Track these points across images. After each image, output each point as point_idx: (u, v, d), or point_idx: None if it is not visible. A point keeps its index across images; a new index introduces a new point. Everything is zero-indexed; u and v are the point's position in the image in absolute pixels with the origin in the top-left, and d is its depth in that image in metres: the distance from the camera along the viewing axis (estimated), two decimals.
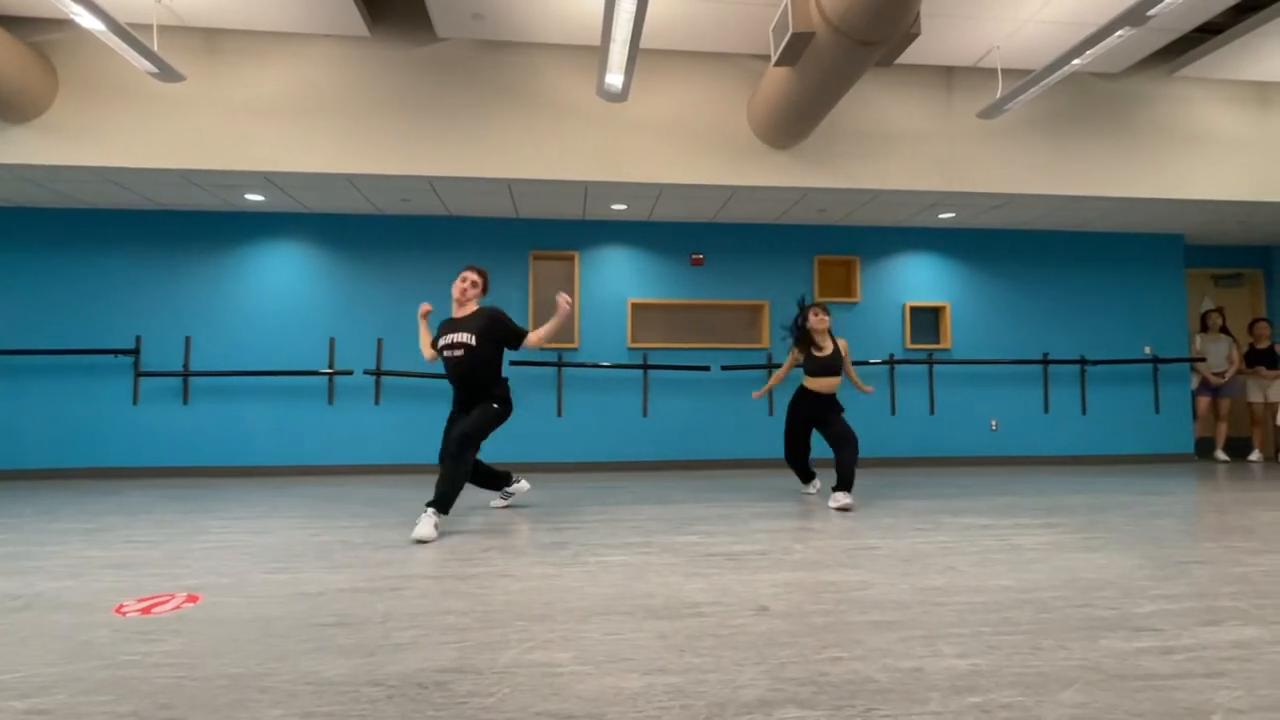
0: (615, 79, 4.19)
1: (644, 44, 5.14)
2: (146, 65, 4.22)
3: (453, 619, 2.11)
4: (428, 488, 5.30)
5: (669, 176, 5.30)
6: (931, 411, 6.79)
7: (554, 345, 6.38)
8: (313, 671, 1.70)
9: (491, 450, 6.34)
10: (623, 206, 6.09)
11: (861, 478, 5.75)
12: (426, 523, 3.31)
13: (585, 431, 6.41)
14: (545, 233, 6.52)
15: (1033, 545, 3.14)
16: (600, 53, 3.94)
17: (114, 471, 5.88)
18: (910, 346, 6.79)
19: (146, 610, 2.20)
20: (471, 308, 3.91)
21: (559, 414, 6.36)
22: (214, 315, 6.10)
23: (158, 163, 4.88)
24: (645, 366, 6.43)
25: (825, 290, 6.83)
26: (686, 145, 5.31)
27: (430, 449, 6.24)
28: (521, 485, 4.37)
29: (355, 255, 6.30)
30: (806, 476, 4.80)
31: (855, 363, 6.57)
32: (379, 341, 6.24)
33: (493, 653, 1.83)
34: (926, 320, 6.97)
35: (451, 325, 3.86)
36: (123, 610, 2.20)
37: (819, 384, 4.47)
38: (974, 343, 6.88)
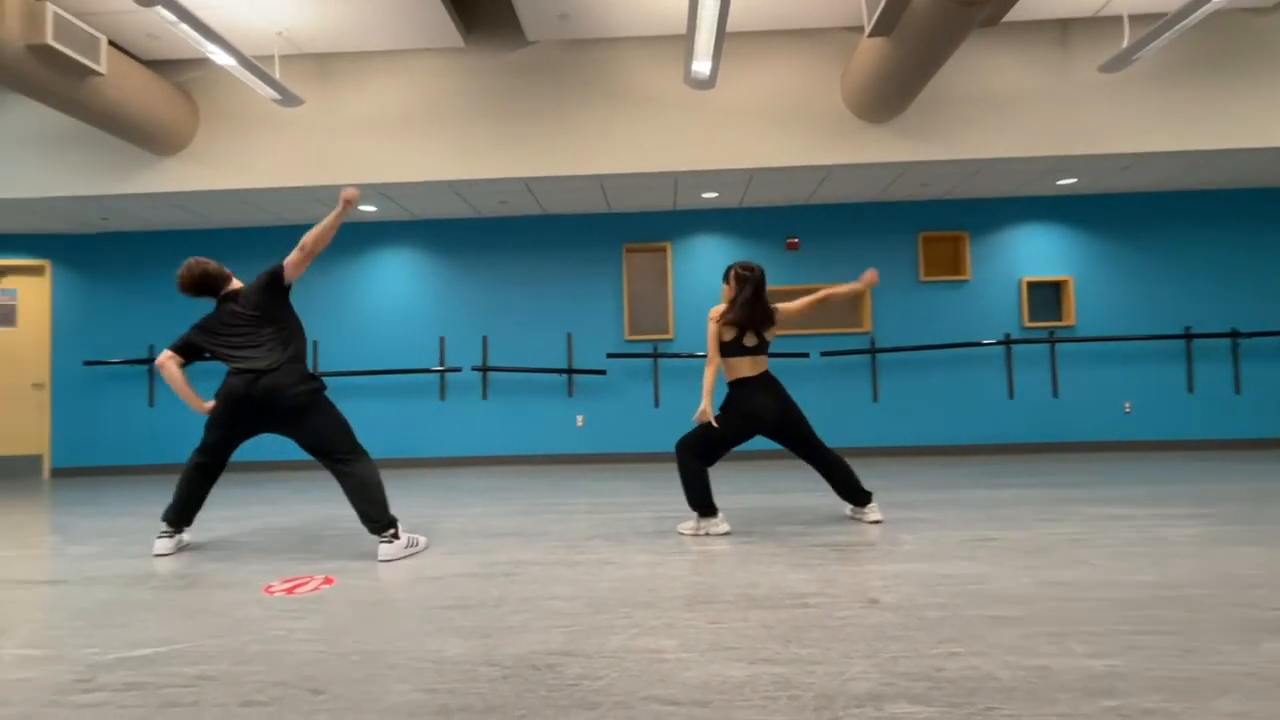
0: (702, 66, 4.15)
1: (730, 27, 5.07)
2: (271, 93, 4.61)
3: (561, 604, 2.19)
4: (533, 477, 5.56)
5: (761, 160, 5.20)
6: (1054, 394, 6.31)
7: (647, 336, 6.44)
8: (435, 651, 1.82)
9: (586, 442, 6.55)
10: (713, 194, 6.04)
11: (973, 464, 5.45)
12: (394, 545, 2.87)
13: (682, 422, 6.42)
14: (637, 225, 6.57)
15: (1179, 538, 2.85)
16: (686, 41, 3.92)
17: (256, 465, 6.48)
18: (1029, 325, 6.33)
19: (290, 590, 2.42)
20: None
21: (656, 405, 6.42)
22: (338, 320, 6.59)
23: (283, 181, 5.31)
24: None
25: (931, 269, 6.49)
26: (778, 127, 5.18)
27: (535, 440, 6.52)
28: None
29: (459, 258, 6.61)
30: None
31: (964, 344, 6.23)
32: (484, 339, 6.53)
33: (600, 638, 1.88)
34: (1046, 296, 6.47)
35: None
36: (270, 590, 2.43)
37: (748, 366, 3.26)
38: (1101, 318, 6.32)
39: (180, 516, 3.08)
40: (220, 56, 4.12)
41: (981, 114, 5.13)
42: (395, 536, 2.89)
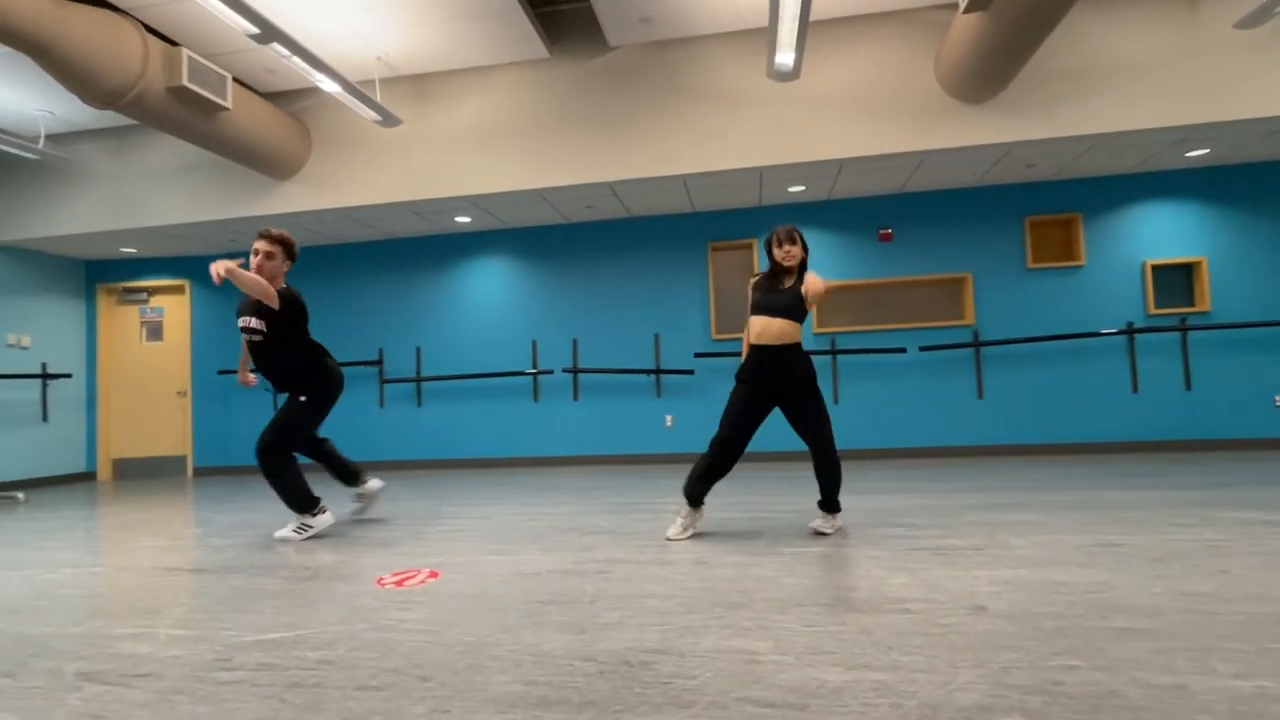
0: (786, 58, 4.07)
1: (813, 16, 4.95)
2: (372, 115, 4.91)
3: (655, 602, 2.20)
4: (623, 476, 5.63)
5: (849, 150, 5.04)
6: (1187, 386, 5.75)
7: (735, 335, 6.38)
8: (533, 644, 1.88)
9: (676, 442, 6.55)
10: (800, 188, 5.90)
11: (1092, 464, 5.04)
12: (287, 528, 3.48)
13: (771, 421, 6.31)
14: (722, 223, 6.52)
15: None
16: (769, 33, 3.85)
17: (366, 465, 6.91)
18: (1154, 312, 5.80)
19: (400, 583, 2.57)
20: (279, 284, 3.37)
21: None
22: (437, 326, 6.93)
23: (386, 198, 5.64)
24: (834, 352, 6.18)
25: (1040, 255, 6.07)
26: (867, 114, 5.01)
27: (625, 440, 6.60)
28: (373, 485, 4.01)
29: (549, 263, 6.79)
30: (698, 492, 3.16)
31: (1080, 335, 5.79)
32: (574, 342, 6.67)
33: (694, 637, 1.88)
34: (1175, 279, 5.90)
35: (242, 310, 3.37)
36: (382, 582, 2.59)
37: (765, 326, 3.05)
38: (1242, 302, 5.70)
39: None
40: (328, 84, 4.43)
41: (1094, 85, 4.74)
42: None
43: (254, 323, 3.29)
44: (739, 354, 6.29)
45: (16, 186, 6.27)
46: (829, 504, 3.16)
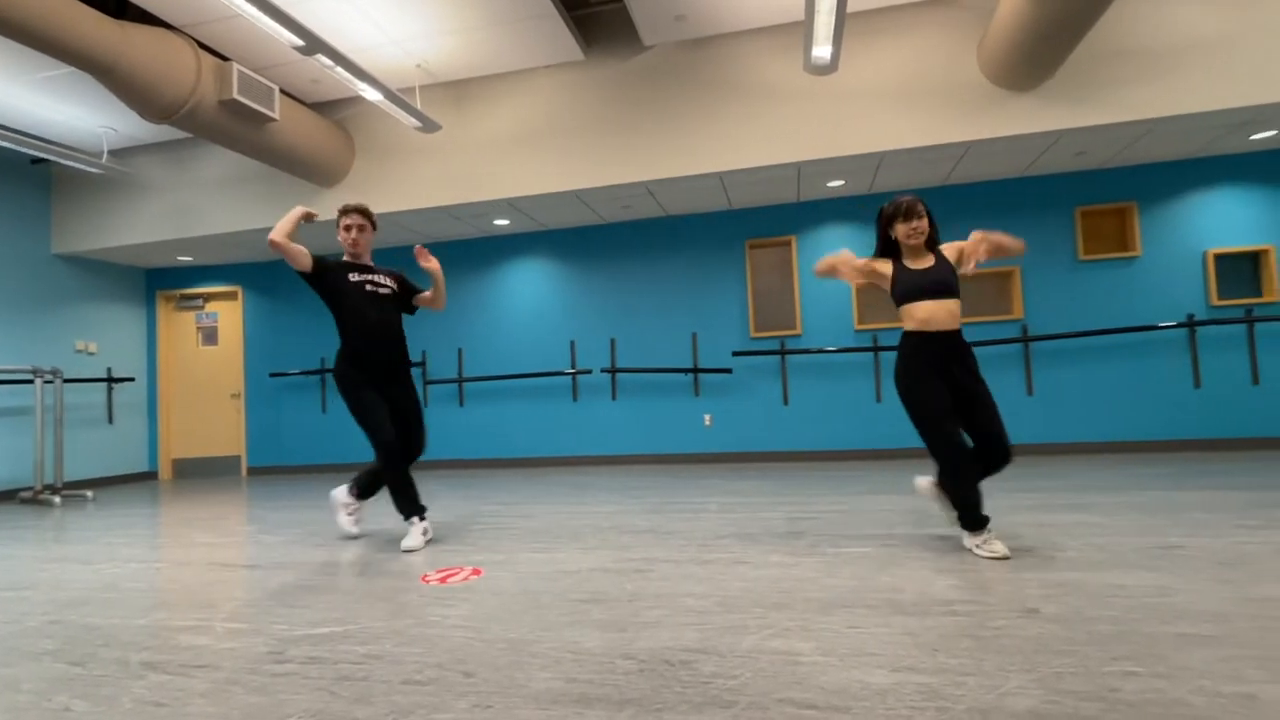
0: (823, 51, 4.01)
1: (850, 7, 4.87)
2: (412, 121, 5.02)
3: (694, 601, 2.20)
4: (662, 475, 5.62)
5: (890, 143, 4.93)
6: (1254, 381, 5.47)
7: (774, 333, 6.32)
8: (574, 642, 1.89)
9: (714, 441, 6.53)
10: (839, 182, 5.81)
11: (1150, 463, 4.84)
12: (415, 533, 3.19)
13: (813, 420, 6.24)
14: (760, 220, 6.46)
15: None
16: (805, 26, 3.80)
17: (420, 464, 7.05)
18: (1218, 303, 5.53)
19: (444, 580, 2.61)
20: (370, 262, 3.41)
21: (785, 403, 6.28)
22: (478, 328, 7.03)
23: (426, 202, 5.75)
24: (876, 349, 6.06)
25: (1092, 247, 5.85)
26: (908, 106, 4.90)
27: (663, 440, 6.60)
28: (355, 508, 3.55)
29: (586, 263, 6.83)
30: (977, 501, 2.65)
31: (1136, 329, 5.55)
32: (612, 342, 6.69)
33: (734, 637, 1.87)
34: (1240, 269, 5.62)
35: (364, 269, 3.32)
36: (426, 579, 2.64)
37: (932, 311, 2.68)
38: None
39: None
40: (370, 93, 4.54)
41: (1149, 67, 4.55)
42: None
43: (392, 285, 3.38)
44: (777, 352, 6.27)
45: (82, 200, 6.60)
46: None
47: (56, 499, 5.67)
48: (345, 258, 3.38)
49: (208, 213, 6.23)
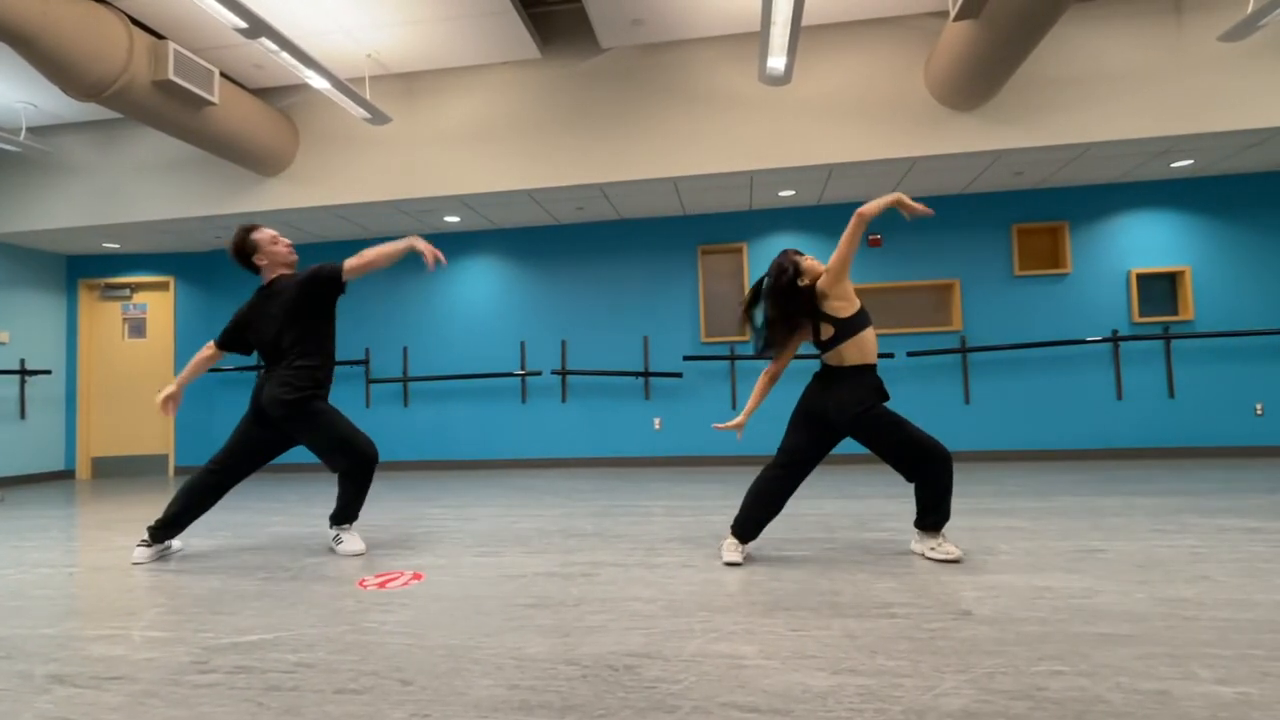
0: (777, 62, 4.08)
1: (805, 21, 4.96)
2: (361, 112, 4.87)
3: (639, 606, 2.19)
4: (611, 478, 5.61)
5: (840, 155, 5.05)
6: (1170, 394, 5.81)
7: (724, 339, 6.38)
8: (516, 648, 1.85)
9: (664, 445, 6.55)
10: (790, 192, 5.92)
11: (1076, 470, 5.08)
12: (356, 537, 3.13)
13: (762, 423, 6.31)
14: (712, 227, 6.53)
15: None
16: (760, 37, 3.86)
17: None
18: (1139, 320, 5.86)
19: (382, 585, 2.53)
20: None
21: (734, 407, 6.35)
22: (425, 326, 6.88)
23: (374, 196, 5.60)
24: (821, 357, 6.17)
25: (1027, 263, 6.12)
26: (858, 120, 5.03)
27: (613, 443, 6.58)
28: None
29: (538, 264, 6.76)
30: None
31: (1065, 342, 5.83)
32: (563, 343, 6.65)
33: (679, 641, 1.87)
34: (1159, 288, 5.97)
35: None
36: (364, 584, 2.55)
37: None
38: (1225, 311, 5.77)
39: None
40: (316, 80, 4.39)
41: (1082, 95, 4.79)
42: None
43: None
44: (728, 357, 6.33)
45: None
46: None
47: None
48: (284, 271, 3.23)
49: (138, 198, 5.91)
